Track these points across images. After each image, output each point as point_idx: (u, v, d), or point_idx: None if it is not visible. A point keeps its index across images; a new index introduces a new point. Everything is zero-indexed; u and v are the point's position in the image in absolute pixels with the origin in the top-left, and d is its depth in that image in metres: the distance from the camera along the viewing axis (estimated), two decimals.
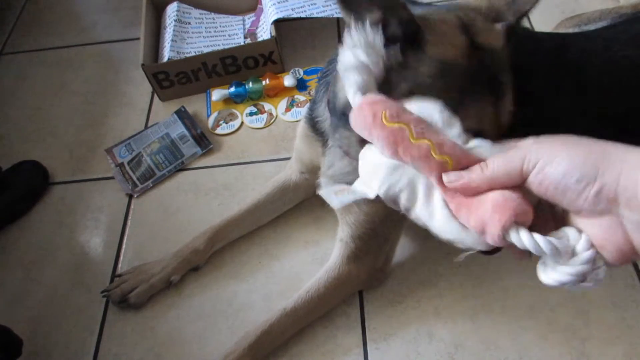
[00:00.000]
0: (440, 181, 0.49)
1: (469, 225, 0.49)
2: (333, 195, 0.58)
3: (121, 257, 1.24)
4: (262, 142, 1.42)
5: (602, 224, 0.43)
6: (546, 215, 0.49)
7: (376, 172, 0.53)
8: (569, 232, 0.46)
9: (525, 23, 1.51)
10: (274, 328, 1.01)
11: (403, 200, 0.53)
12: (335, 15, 1.52)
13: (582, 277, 0.45)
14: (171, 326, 1.12)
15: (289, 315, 1.01)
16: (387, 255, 1.08)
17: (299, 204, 1.24)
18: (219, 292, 1.15)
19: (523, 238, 0.45)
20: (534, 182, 0.45)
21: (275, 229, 1.23)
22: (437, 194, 0.51)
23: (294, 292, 1.06)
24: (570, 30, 1.28)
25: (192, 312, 1.13)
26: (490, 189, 0.48)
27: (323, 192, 0.61)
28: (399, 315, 1.07)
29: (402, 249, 1.14)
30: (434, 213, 0.51)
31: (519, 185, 0.47)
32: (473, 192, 0.48)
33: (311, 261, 1.16)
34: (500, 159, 0.48)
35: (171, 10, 1.67)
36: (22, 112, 1.62)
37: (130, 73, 1.66)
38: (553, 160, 0.43)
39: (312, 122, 0.97)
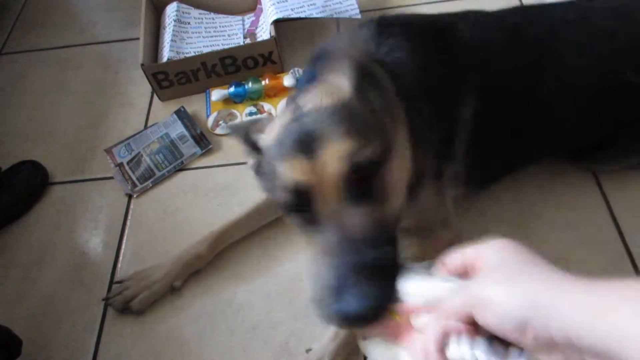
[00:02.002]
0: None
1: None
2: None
3: (120, 257, 1.24)
4: None
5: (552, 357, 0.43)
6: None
7: None
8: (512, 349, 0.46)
9: None
10: None
11: None
12: (335, 16, 1.52)
13: None
14: (170, 326, 1.12)
15: None
16: None
17: None
18: (218, 292, 1.15)
19: (461, 347, 0.46)
20: (481, 324, 0.46)
21: (275, 230, 1.22)
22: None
23: (294, 292, 1.06)
24: None
25: (192, 312, 1.13)
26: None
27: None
28: None
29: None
30: None
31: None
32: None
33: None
34: (446, 306, 0.49)
35: (171, 10, 1.67)
36: (21, 112, 1.62)
37: (130, 73, 1.66)
38: (489, 306, 0.44)
39: None
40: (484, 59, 0.95)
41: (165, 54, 1.54)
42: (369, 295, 0.54)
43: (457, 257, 0.52)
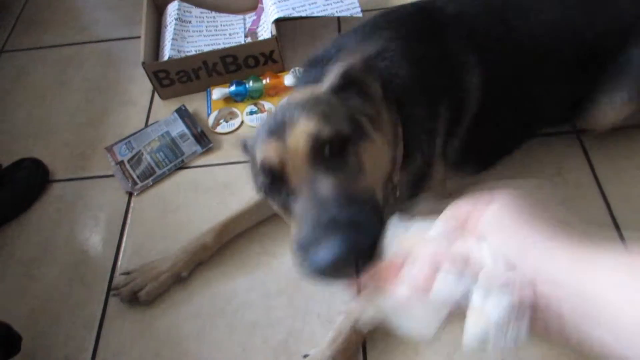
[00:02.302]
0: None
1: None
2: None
3: (121, 255, 1.25)
4: None
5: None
6: None
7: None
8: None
9: None
10: None
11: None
12: (336, 14, 1.52)
13: (513, 312, 0.43)
14: (170, 323, 1.12)
15: None
16: None
17: None
18: (218, 290, 1.15)
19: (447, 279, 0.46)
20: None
21: (274, 227, 1.23)
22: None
23: (293, 290, 1.06)
24: None
25: (191, 309, 1.13)
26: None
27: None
28: None
29: None
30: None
31: None
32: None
33: None
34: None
35: (172, 8, 1.67)
36: (22, 109, 1.62)
37: (131, 71, 1.66)
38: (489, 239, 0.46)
39: None
40: (470, 26, 0.99)
41: (167, 53, 1.54)
42: (339, 246, 0.58)
43: (455, 210, 0.52)
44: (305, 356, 1.01)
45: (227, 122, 1.48)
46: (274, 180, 0.72)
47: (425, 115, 0.92)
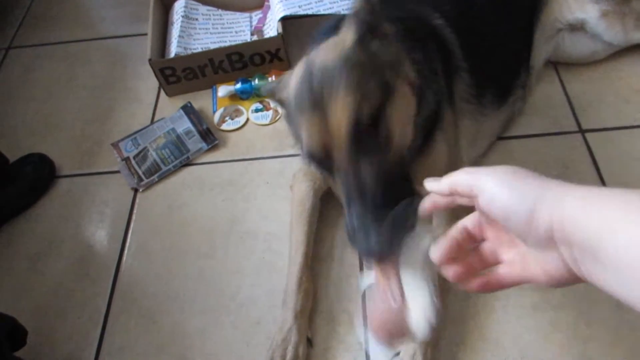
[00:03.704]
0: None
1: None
2: None
3: (125, 250, 1.25)
4: (267, 139, 1.43)
5: (544, 257, 0.46)
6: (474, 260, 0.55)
7: None
8: None
9: None
10: None
11: None
12: (342, 13, 1.52)
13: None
14: (174, 320, 1.12)
15: None
16: None
17: None
18: (222, 287, 1.16)
19: None
20: (482, 210, 0.50)
21: (280, 226, 1.23)
22: None
23: None
24: None
25: (196, 306, 1.14)
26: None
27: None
28: None
29: None
30: None
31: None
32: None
33: (314, 257, 1.17)
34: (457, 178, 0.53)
35: (179, 6, 1.68)
36: (29, 105, 1.63)
37: (138, 68, 1.67)
38: (495, 198, 0.47)
39: None
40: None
41: (173, 50, 1.55)
42: (371, 240, 0.65)
43: (450, 181, 0.53)
44: (396, 354, 0.98)
45: (232, 119, 1.49)
46: (321, 160, 0.75)
47: (424, 57, 0.94)
